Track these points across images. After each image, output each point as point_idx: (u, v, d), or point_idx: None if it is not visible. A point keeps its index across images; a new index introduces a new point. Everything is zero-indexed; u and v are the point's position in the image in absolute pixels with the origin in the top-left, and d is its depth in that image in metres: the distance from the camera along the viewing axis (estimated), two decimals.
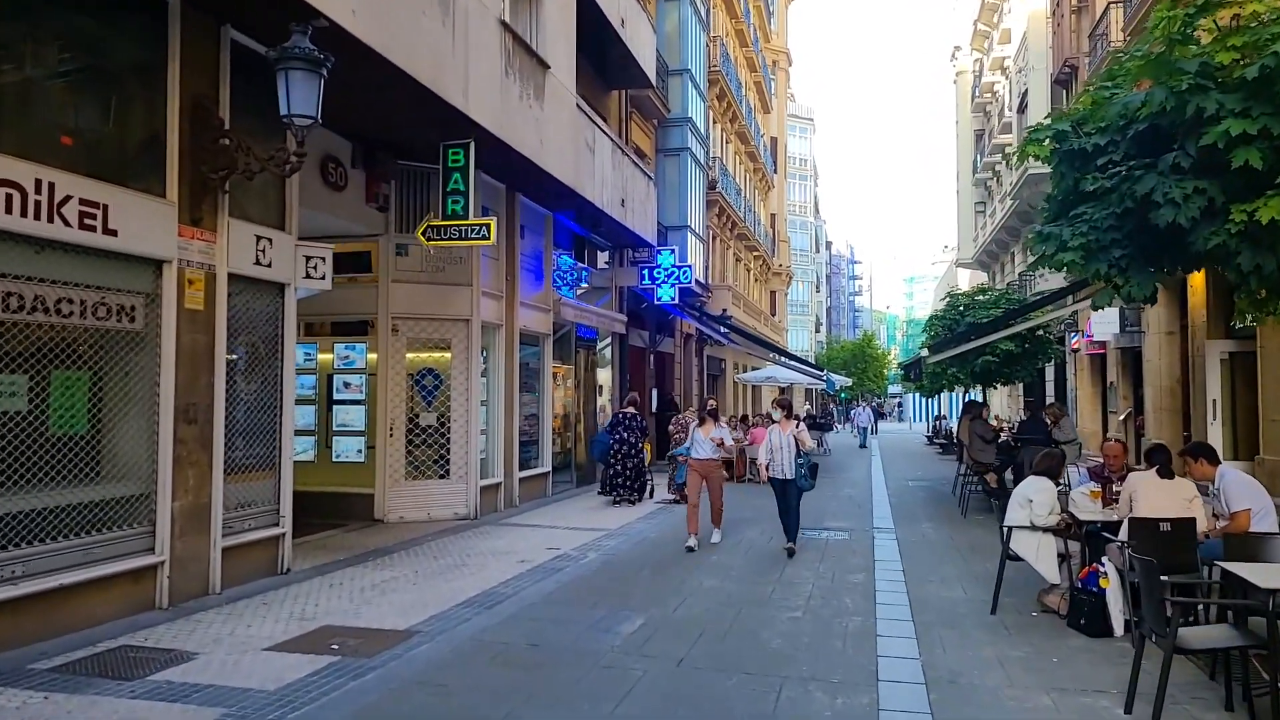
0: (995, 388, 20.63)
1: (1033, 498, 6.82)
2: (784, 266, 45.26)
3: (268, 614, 6.39)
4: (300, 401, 11.35)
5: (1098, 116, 5.79)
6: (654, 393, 20.22)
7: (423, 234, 9.80)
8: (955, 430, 16.10)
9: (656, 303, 18.04)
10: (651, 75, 17.73)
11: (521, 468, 13.36)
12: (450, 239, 9.74)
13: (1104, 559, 6.29)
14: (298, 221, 7.95)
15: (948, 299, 20.09)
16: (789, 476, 9.40)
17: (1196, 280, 15.90)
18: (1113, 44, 18.80)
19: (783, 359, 24.17)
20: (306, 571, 7.95)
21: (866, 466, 22.18)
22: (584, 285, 17.08)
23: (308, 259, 7.90)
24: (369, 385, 11.23)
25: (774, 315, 43.25)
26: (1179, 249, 5.66)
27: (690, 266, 18.06)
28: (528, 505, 12.99)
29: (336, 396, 11.35)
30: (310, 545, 9.24)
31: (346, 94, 8.77)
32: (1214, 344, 15.02)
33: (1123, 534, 6.15)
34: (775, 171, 43.14)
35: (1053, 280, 24.61)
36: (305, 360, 11.45)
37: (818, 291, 75.82)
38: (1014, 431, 13.24)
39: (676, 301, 18.15)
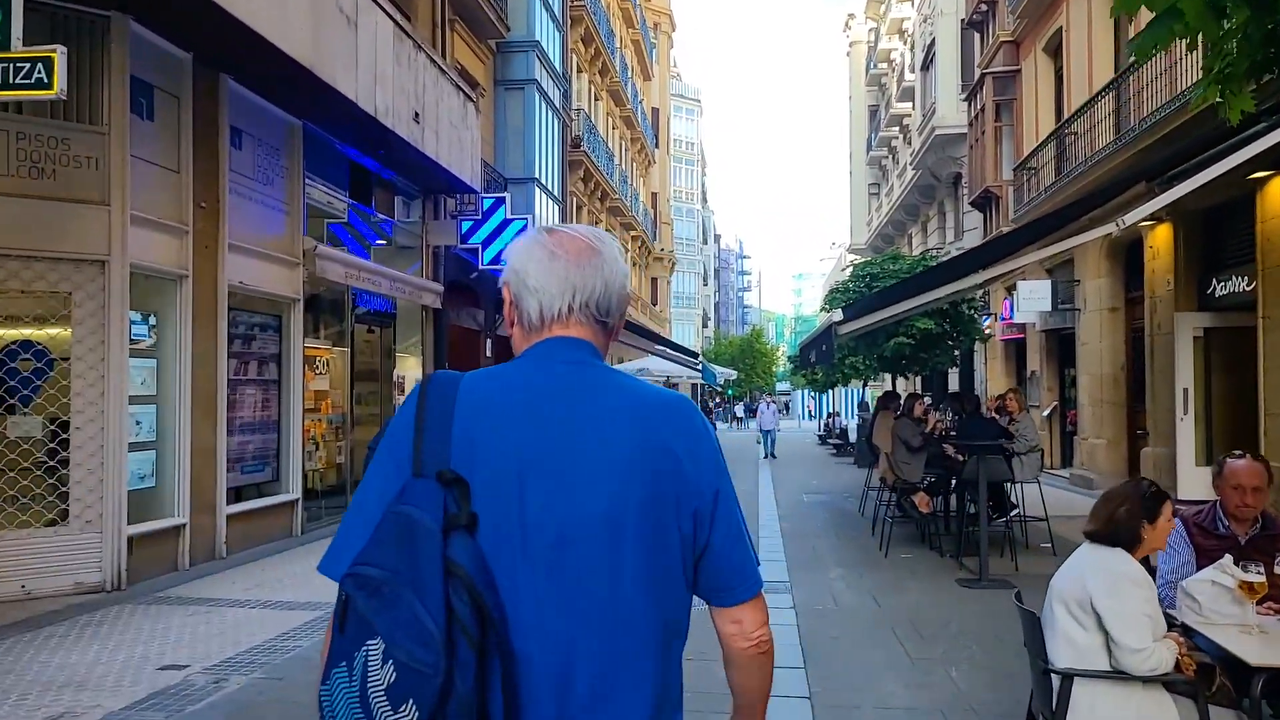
0: (907, 377, 17.23)
1: (1106, 610, 2.85)
2: (666, 251, 41.56)
3: None
4: None
5: None
6: None
7: None
8: (868, 429, 12.40)
9: (482, 267, 13.73)
10: None
11: (241, 498, 8.87)
12: None
13: None
14: None
15: (852, 269, 16.63)
16: None
17: (1160, 236, 12.73)
18: None
19: (651, 343, 20.18)
20: None
21: (754, 475, 18.42)
22: (385, 241, 12.62)
23: None
24: None
25: (655, 304, 39.50)
26: None
27: (527, 219, 13.81)
28: (248, 554, 8.49)
29: None
30: None
31: None
32: (1185, 317, 11.75)
33: None
34: (657, 146, 39.37)
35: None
36: None
37: (705, 285, 72.83)
38: (953, 433, 9.52)
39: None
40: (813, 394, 56.17)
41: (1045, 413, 17.19)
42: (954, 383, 23.88)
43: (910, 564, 8.39)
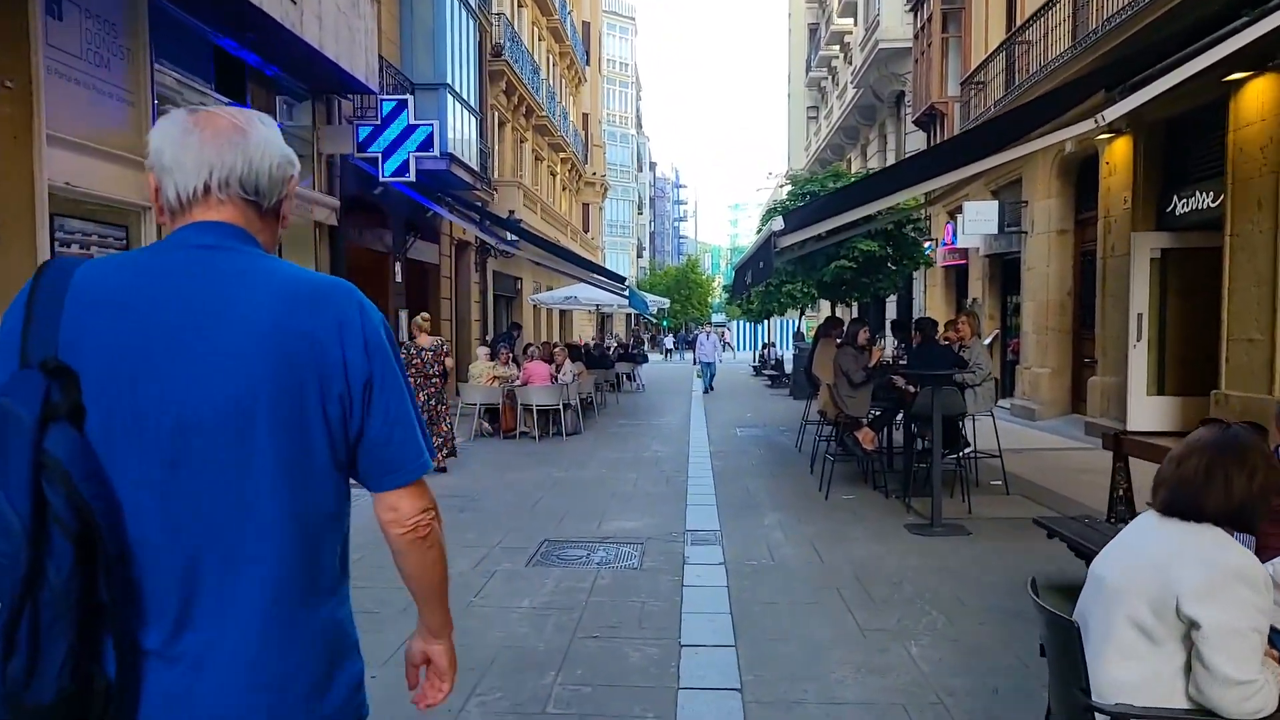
0: (848, 304, 16.40)
1: (1203, 619, 1.89)
2: (599, 176, 39.92)
3: None
4: None
5: None
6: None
7: None
8: (806, 359, 11.50)
9: (383, 179, 12.24)
10: None
11: None
12: None
13: None
14: None
15: (790, 188, 15.56)
16: None
17: (1117, 151, 11.92)
18: None
19: (572, 265, 18.92)
20: None
21: (685, 408, 17.56)
22: None
23: None
24: None
25: (587, 231, 38.03)
26: None
27: (431, 125, 12.32)
28: None
29: None
30: None
31: None
32: (1143, 237, 11.01)
33: None
34: (588, 64, 37.38)
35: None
36: None
37: (640, 214, 71.20)
38: (903, 362, 8.64)
39: (411, 179, 12.40)
40: (732, 324, 55.65)
41: (986, 341, 16.60)
42: (892, 311, 23.27)
43: (854, 506, 7.56)
